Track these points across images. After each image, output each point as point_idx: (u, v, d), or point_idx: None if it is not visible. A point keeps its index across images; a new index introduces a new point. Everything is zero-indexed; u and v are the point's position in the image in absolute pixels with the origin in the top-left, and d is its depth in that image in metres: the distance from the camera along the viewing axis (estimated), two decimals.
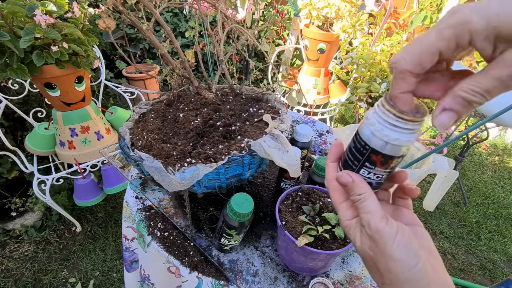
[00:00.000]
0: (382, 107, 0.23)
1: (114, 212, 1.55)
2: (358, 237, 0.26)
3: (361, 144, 0.25)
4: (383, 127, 0.23)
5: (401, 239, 0.23)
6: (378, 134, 0.24)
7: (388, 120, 0.23)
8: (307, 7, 1.70)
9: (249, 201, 0.50)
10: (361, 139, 0.25)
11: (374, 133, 0.24)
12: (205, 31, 0.74)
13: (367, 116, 0.25)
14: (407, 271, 0.23)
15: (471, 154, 2.18)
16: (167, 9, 2.09)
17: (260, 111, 0.64)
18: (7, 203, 1.36)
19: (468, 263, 1.39)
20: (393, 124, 0.23)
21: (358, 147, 0.25)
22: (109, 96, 1.77)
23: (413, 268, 0.23)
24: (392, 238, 0.23)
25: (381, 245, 0.24)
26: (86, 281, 1.24)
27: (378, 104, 0.24)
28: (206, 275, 0.54)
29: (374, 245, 0.24)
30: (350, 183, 0.26)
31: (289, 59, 2.27)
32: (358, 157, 0.26)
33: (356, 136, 0.26)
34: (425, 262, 0.23)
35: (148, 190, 0.72)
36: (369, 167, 0.26)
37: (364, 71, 1.32)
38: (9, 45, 0.82)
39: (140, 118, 0.65)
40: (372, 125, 0.24)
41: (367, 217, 0.25)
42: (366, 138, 0.24)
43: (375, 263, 0.25)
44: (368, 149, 0.25)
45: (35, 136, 1.22)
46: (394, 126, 0.23)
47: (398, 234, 0.23)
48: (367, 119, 0.25)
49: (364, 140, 0.25)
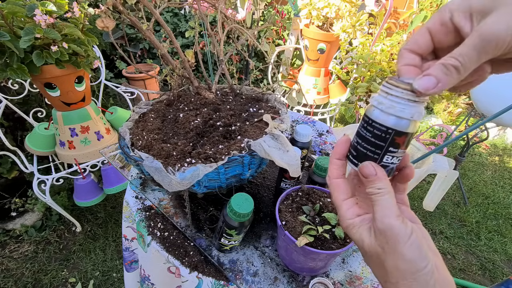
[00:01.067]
0: (396, 88, 0.23)
1: (114, 212, 1.55)
2: (366, 234, 0.26)
3: (382, 130, 0.24)
4: (404, 106, 0.23)
5: (414, 240, 0.23)
6: (401, 114, 0.23)
7: (403, 96, 0.23)
8: (307, 7, 1.70)
9: (249, 201, 0.50)
10: (382, 124, 0.24)
11: (397, 114, 0.23)
12: (205, 31, 0.74)
13: (380, 100, 0.24)
14: (416, 272, 0.23)
15: (471, 154, 2.18)
16: (167, 9, 2.09)
17: (260, 111, 0.64)
18: (7, 203, 1.36)
19: (468, 263, 1.39)
20: (410, 99, 0.23)
21: (379, 134, 0.25)
22: (109, 96, 1.77)
23: (423, 269, 0.23)
24: (406, 238, 0.23)
25: (393, 243, 0.23)
26: (86, 281, 1.24)
27: (388, 87, 0.24)
28: (206, 275, 0.54)
29: (385, 242, 0.24)
30: (373, 175, 0.26)
31: (289, 59, 2.28)
32: (380, 145, 0.25)
33: (373, 123, 0.25)
34: (433, 264, 0.23)
35: (148, 190, 0.72)
36: (392, 151, 0.25)
37: (364, 71, 1.32)
38: (9, 45, 0.82)
39: (140, 118, 0.65)
40: (392, 107, 0.23)
41: (383, 212, 0.24)
42: (391, 122, 0.24)
43: (382, 261, 0.24)
44: (391, 132, 0.24)
45: (35, 136, 1.22)
46: (410, 101, 0.23)
47: (412, 235, 0.23)
48: (381, 103, 0.24)
49: (385, 125, 0.24)
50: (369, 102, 0.30)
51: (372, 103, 0.25)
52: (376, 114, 0.24)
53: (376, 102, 0.25)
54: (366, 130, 0.26)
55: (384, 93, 0.24)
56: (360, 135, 0.26)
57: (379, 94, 0.25)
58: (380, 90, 0.25)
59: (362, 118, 0.26)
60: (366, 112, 0.26)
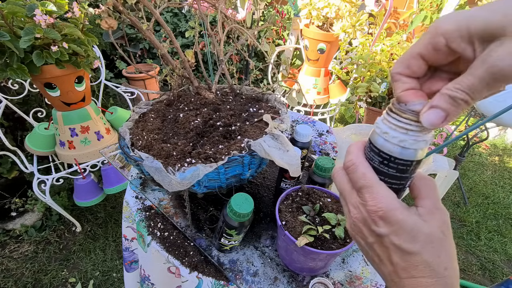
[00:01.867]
0: (403, 119, 0.23)
1: (114, 212, 1.55)
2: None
3: (407, 163, 0.24)
4: (416, 138, 0.23)
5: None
6: (415, 146, 0.23)
7: (412, 128, 0.23)
8: (307, 7, 1.70)
9: (249, 201, 0.50)
10: (405, 160, 0.24)
11: (413, 147, 0.23)
12: (205, 31, 0.74)
13: (398, 137, 0.23)
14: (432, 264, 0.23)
15: (471, 154, 2.18)
16: (167, 9, 2.09)
17: (260, 111, 0.64)
18: (7, 203, 1.36)
19: (468, 263, 1.39)
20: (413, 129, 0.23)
21: (403, 168, 0.24)
22: (109, 96, 1.77)
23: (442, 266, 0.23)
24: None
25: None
26: (86, 281, 1.24)
27: (402, 121, 0.23)
28: (206, 275, 0.54)
29: (446, 227, 0.24)
30: None
31: (289, 59, 2.27)
32: (405, 176, 0.25)
33: (396, 160, 0.24)
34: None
35: (148, 190, 0.72)
36: (411, 177, 0.26)
37: (364, 71, 1.32)
38: (9, 45, 0.82)
39: (140, 118, 0.65)
40: (405, 140, 0.23)
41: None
42: (408, 155, 0.24)
43: (442, 246, 0.24)
44: (412, 162, 0.24)
45: (35, 136, 1.22)
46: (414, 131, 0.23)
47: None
48: (396, 137, 0.23)
49: (408, 160, 0.24)
50: (369, 102, 0.30)
51: (382, 135, 0.24)
52: (402, 150, 0.24)
53: (396, 138, 0.24)
54: (388, 167, 0.25)
55: (398, 128, 0.23)
56: (384, 171, 0.25)
57: (388, 125, 0.24)
58: (388, 121, 0.24)
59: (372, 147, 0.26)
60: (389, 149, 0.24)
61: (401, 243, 0.23)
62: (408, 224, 0.23)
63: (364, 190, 0.25)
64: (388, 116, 0.24)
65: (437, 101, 0.20)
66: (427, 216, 0.24)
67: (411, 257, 0.23)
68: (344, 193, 0.27)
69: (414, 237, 0.23)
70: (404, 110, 0.22)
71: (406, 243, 0.23)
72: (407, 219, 0.23)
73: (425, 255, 0.23)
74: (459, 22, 0.18)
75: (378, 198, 0.24)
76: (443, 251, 0.23)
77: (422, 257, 0.23)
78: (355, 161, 0.26)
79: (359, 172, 0.25)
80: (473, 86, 0.19)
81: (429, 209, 0.24)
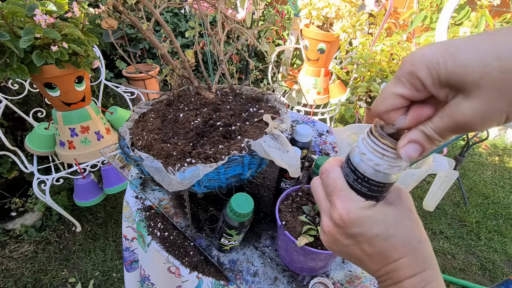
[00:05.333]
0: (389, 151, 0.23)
1: (114, 212, 1.55)
2: None
3: (379, 185, 0.25)
4: (390, 163, 0.24)
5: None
6: (389, 171, 0.24)
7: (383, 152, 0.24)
8: (307, 7, 1.70)
9: (249, 201, 0.50)
10: (378, 181, 0.25)
11: (387, 171, 0.24)
12: (205, 31, 0.74)
13: (373, 159, 0.24)
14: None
15: (471, 154, 2.18)
16: (167, 9, 2.09)
17: (260, 111, 0.64)
18: (7, 203, 1.36)
19: (468, 263, 1.39)
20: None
21: (375, 189, 0.26)
22: (109, 96, 1.77)
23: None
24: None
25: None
26: (86, 281, 1.24)
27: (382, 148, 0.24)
28: (206, 275, 0.54)
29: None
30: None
31: (289, 59, 2.27)
32: (376, 195, 0.26)
33: (370, 181, 0.25)
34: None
35: (148, 190, 0.72)
36: (384, 196, 0.27)
37: (364, 71, 1.32)
38: (9, 45, 0.82)
39: (140, 118, 0.65)
40: (380, 164, 0.24)
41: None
42: (381, 178, 0.25)
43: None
44: (385, 184, 0.25)
45: (35, 136, 1.22)
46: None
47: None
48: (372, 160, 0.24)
49: (381, 182, 0.25)
50: (368, 102, 0.30)
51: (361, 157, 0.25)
52: (379, 173, 0.25)
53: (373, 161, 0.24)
54: (358, 183, 0.26)
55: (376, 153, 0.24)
56: (353, 186, 0.26)
57: (366, 146, 0.25)
58: (367, 143, 0.24)
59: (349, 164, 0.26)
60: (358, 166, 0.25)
61: (378, 233, 0.25)
62: (378, 217, 0.25)
63: (334, 194, 0.26)
64: (367, 137, 0.24)
65: (415, 135, 0.21)
66: (394, 199, 0.26)
67: (389, 241, 0.24)
68: (318, 198, 0.29)
69: (386, 223, 0.25)
70: (383, 135, 0.23)
71: (381, 231, 0.25)
72: (375, 213, 0.25)
73: (400, 235, 0.25)
74: (431, 68, 0.18)
75: (346, 201, 0.25)
76: (414, 225, 0.25)
77: (398, 238, 0.24)
78: (328, 168, 0.28)
79: (330, 177, 0.27)
80: (443, 130, 0.20)
81: (394, 192, 0.27)
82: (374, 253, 0.25)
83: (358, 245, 0.26)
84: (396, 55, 1.33)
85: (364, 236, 0.25)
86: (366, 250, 0.25)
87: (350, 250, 0.27)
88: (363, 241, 0.25)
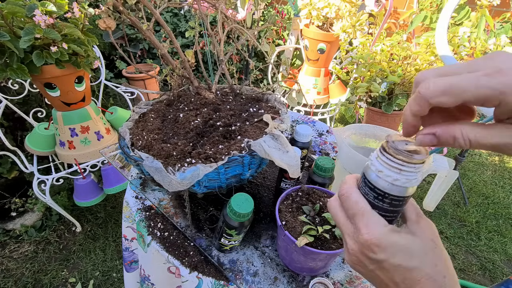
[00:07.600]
0: (406, 163, 0.24)
1: (114, 212, 1.55)
2: None
3: (400, 198, 0.26)
4: (408, 177, 0.24)
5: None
6: (408, 184, 0.25)
7: (398, 166, 0.24)
8: (307, 7, 1.70)
9: (249, 201, 0.50)
10: (398, 196, 0.25)
11: (405, 185, 0.25)
12: (205, 31, 0.74)
13: (391, 176, 0.25)
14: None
15: (471, 154, 2.18)
16: (167, 9, 2.09)
17: (260, 111, 0.64)
18: (7, 203, 1.36)
19: (468, 263, 1.39)
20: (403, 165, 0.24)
21: (396, 203, 0.26)
22: (109, 96, 1.77)
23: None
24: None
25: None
26: (86, 281, 1.24)
27: (399, 163, 0.24)
28: (206, 275, 0.54)
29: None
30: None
31: (289, 59, 2.27)
32: (397, 210, 0.27)
33: (390, 196, 0.26)
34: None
35: (148, 190, 0.72)
36: (404, 209, 0.28)
37: (364, 71, 1.32)
38: (9, 45, 0.82)
39: (140, 118, 0.65)
40: (398, 180, 0.25)
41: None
42: (400, 191, 0.25)
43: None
44: (405, 197, 0.26)
45: (35, 136, 1.22)
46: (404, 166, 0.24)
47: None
48: (390, 176, 0.25)
49: (401, 196, 0.26)
50: (369, 102, 0.30)
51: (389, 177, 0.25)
52: (393, 187, 0.25)
53: (390, 176, 0.25)
54: (382, 200, 0.26)
55: (393, 168, 0.25)
56: (377, 203, 0.27)
57: (382, 164, 0.25)
58: (382, 160, 0.25)
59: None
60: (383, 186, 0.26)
61: (400, 263, 0.24)
62: (401, 244, 0.25)
63: (356, 218, 0.26)
64: (382, 155, 0.25)
65: (444, 132, 0.22)
66: (416, 229, 0.26)
67: (412, 273, 0.24)
68: (339, 221, 0.29)
69: (410, 254, 0.24)
70: (398, 151, 0.24)
71: (405, 261, 0.24)
72: (399, 239, 0.25)
73: (424, 268, 0.24)
74: (453, 95, 0.19)
75: (370, 225, 0.25)
76: (438, 260, 0.25)
77: (422, 271, 0.24)
78: (348, 189, 0.28)
79: (351, 200, 0.27)
80: (482, 144, 0.20)
81: (415, 220, 0.27)
82: (399, 282, 0.25)
83: (382, 271, 0.26)
84: (396, 55, 1.33)
85: (387, 263, 0.25)
86: (390, 277, 0.25)
87: (375, 274, 0.27)
88: (387, 268, 0.25)
